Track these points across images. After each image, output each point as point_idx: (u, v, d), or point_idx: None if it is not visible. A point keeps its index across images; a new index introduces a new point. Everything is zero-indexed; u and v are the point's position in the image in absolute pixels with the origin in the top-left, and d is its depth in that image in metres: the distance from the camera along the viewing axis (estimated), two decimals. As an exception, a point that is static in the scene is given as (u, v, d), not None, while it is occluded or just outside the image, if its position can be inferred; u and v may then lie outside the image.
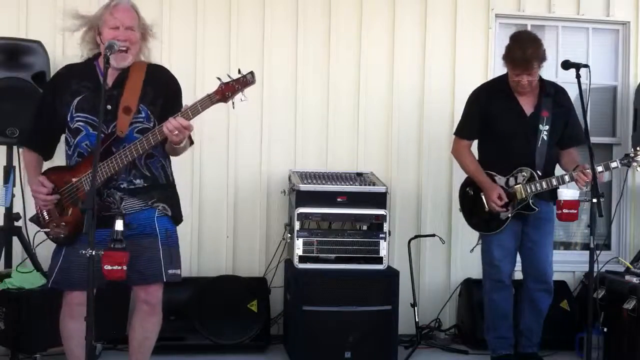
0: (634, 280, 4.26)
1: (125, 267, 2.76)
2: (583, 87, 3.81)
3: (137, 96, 3.12)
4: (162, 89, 3.21)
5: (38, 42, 4.31)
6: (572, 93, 4.34)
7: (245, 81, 3.01)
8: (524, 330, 4.25)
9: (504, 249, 4.14)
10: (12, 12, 4.64)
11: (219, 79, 3.01)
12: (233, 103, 3.03)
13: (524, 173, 4.05)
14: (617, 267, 4.68)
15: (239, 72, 3.02)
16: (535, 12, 5.16)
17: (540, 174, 4.04)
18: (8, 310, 3.90)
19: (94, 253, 2.71)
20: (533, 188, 4.02)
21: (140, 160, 3.12)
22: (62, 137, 3.24)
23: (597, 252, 3.66)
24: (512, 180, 4.07)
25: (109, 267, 2.74)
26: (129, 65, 3.15)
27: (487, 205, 4.09)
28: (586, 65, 3.84)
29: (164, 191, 3.24)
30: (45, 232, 3.19)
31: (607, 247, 5.17)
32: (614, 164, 4.00)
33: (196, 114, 3.02)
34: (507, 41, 4.12)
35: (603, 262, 4.53)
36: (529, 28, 5.13)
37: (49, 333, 3.38)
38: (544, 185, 4.01)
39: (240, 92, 3.02)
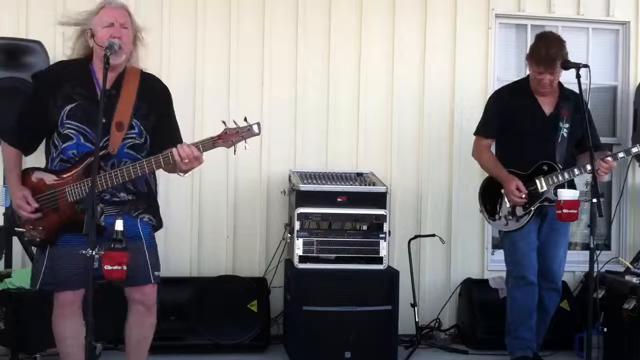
0: (634, 280, 4.26)
1: (125, 267, 2.76)
2: (583, 87, 3.82)
3: (129, 111, 3.08)
4: (155, 105, 3.18)
5: (38, 42, 4.31)
6: (572, 93, 4.35)
7: (250, 132, 3.00)
8: None
9: (529, 243, 4.13)
10: (12, 12, 4.64)
11: (223, 122, 3.00)
12: (235, 150, 3.02)
13: (544, 167, 4.09)
14: (617, 267, 4.68)
15: (245, 120, 3.00)
16: (535, 12, 5.16)
17: (561, 167, 4.07)
18: (8, 310, 3.89)
19: (93, 253, 2.70)
20: (555, 179, 4.05)
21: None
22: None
23: (597, 252, 3.66)
24: (533, 175, 4.09)
25: (109, 267, 2.73)
26: (124, 70, 3.12)
27: (507, 198, 4.09)
28: (586, 65, 3.87)
29: (146, 201, 3.22)
30: (20, 232, 3.18)
31: (607, 247, 5.17)
32: (634, 149, 4.06)
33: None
34: (507, 41, 4.14)
35: (603, 262, 4.54)
36: (529, 28, 5.13)
37: (49, 333, 3.37)
38: (566, 176, 4.05)
39: (244, 141, 3.00)
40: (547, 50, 3.98)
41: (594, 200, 3.55)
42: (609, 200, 5.24)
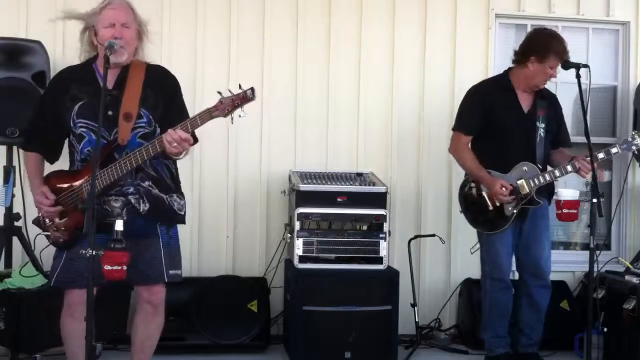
0: (634, 280, 4.26)
1: (125, 267, 2.76)
2: (583, 87, 3.82)
3: (137, 100, 3.10)
4: (162, 93, 3.20)
5: (38, 42, 4.31)
6: (572, 93, 4.36)
7: (245, 97, 2.97)
8: (524, 328, 4.25)
9: (506, 246, 4.15)
10: (12, 12, 4.64)
11: (219, 93, 2.99)
12: (232, 118, 3.00)
13: (525, 168, 4.07)
14: (617, 267, 4.68)
15: (240, 87, 2.99)
16: (535, 12, 5.16)
17: (541, 167, 4.07)
18: (8, 310, 3.89)
19: (94, 253, 2.70)
20: (536, 181, 4.03)
21: (146, 162, 3.10)
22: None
23: (597, 252, 3.66)
24: (514, 176, 4.06)
25: (109, 267, 2.74)
26: (128, 65, 3.14)
27: (492, 199, 4.06)
28: (586, 65, 3.87)
29: (172, 186, 3.25)
30: (46, 236, 3.20)
31: (607, 247, 5.16)
32: (614, 150, 4.04)
33: (195, 127, 3.01)
34: (507, 41, 4.14)
35: (603, 262, 4.53)
36: (528, 28, 5.12)
37: (49, 333, 3.38)
38: (547, 178, 4.04)
39: (240, 108, 2.99)
40: (565, 44, 4.02)
41: (594, 200, 3.56)
42: (609, 200, 5.24)
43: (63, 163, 3.32)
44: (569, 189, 4.00)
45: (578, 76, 3.78)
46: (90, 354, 2.78)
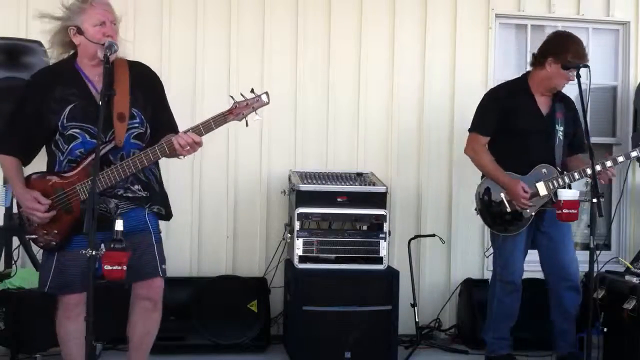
0: (634, 280, 4.24)
1: (125, 267, 2.75)
2: (583, 87, 3.83)
3: (127, 101, 3.08)
4: (150, 93, 3.19)
5: (38, 42, 4.30)
6: (572, 93, 4.35)
7: (259, 102, 3.02)
8: (557, 334, 4.20)
9: (520, 249, 4.13)
10: (12, 12, 4.63)
11: (232, 97, 3.01)
12: (247, 121, 3.03)
13: (544, 170, 4.06)
14: (617, 267, 4.67)
15: (252, 91, 3.02)
16: (536, 12, 5.16)
17: (560, 169, 4.06)
18: (8, 310, 3.90)
19: (93, 253, 2.70)
20: (555, 184, 4.03)
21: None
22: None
23: (597, 252, 3.66)
24: (533, 177, 4.05)
25: (109, 267, 2.73)
26: (113, 63, 3.05)
27: (511, 202, 4.02)
28: (586, 65, 3.86)
29: (158, 195, 3.24)
30: (33, 239, 3.12)
31: (607, 247, 5.17)
32: (634, 153, 4.07)
33: (209, 131, 3.02)
34: (507, 41, 4.14)
35: (603, 262, 4.53)
36: (528, 28, 5.14)
37: (49, 333, 3.38)
38: (567, 180, 4.03)
39: (254, 112, 3.01)
40: (583, 46, 4.02)
41: (594, 200, 3.55)
42: (609, 200, 5.24)
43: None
44: (569, 189, 3.99)
45: (578, 76, 3.78)
46: (91, 354, 2.78)
